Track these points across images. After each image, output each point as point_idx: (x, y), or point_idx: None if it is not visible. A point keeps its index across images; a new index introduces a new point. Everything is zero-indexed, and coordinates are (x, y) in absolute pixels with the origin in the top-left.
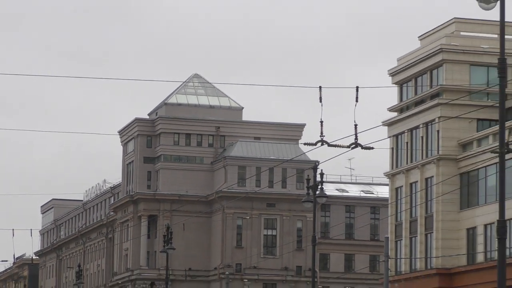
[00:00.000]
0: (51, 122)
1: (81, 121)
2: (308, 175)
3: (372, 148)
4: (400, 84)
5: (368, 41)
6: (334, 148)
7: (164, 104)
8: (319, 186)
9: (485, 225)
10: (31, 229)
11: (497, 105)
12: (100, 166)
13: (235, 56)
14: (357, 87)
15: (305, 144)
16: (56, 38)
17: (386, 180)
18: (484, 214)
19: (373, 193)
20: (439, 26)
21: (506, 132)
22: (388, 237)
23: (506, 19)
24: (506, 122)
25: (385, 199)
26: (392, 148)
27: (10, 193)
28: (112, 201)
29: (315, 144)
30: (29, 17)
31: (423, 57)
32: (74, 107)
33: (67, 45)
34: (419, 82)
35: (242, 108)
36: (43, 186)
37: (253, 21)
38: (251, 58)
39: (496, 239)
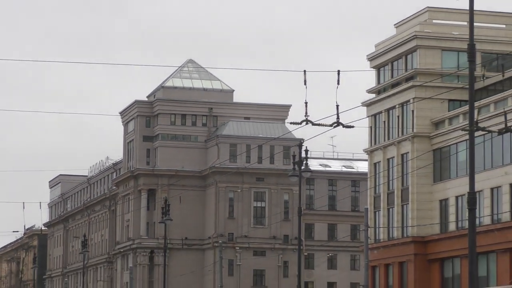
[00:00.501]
0: (55, 104)
1: (83, 103)
2: (294, 152)
3: (353, 126)
4: (378, 68)
5: (347, 28)
6: (317, 127)
7: (162, 87)
8: (304, 162)
9: (456, 197)
10: (40, 202)
11: (467, 87)
12: (103, 144)
13: (226, 42)
14: (339, 71)
15: (291, 123)
16: (57, 23)
17: (365, 156)
18: (455, 187)
19: (353, 168)
20: (413, 14)
21: (475, 112)
22: (367, 208)
23: (475, 8)
24: (475, 103)
25: (365, 173)
26: (371, 127)
27: (20, 169)
28: (114, 177)
29: (300, 123)
30: (29, 3)
31: (398, 43)
32: (75, 89)
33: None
34: (395, 66)
35: (233, 90)
36: (50, 162)
37: (243, 9)
38: (241, 44)
39: (467, 209)
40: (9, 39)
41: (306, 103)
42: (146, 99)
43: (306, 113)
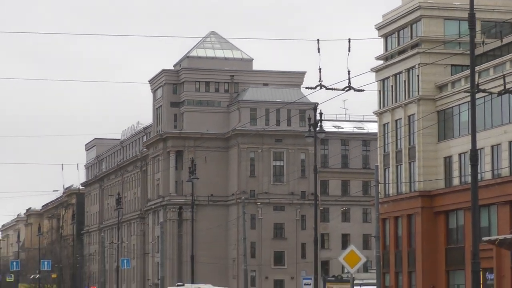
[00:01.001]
0: (90, 73)
1: (114, 72)
2: (309, 115)
3: (363, 90)
4: (385, 37)
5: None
6: (330, 91)
7: (187, 57)
8: (319, 124)
9: (460, 154)
10: (77, 164)
11: (468, 52)
12: (134, 110)
13: (245, 14)
14: (349, 40)
15: (306, 88)
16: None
17: (375, 118)
18: (459, 145)
19: (364, 129)
20: None
21: (476, 75)
22: (377, 166)
23: None
24: (475, 67)
25: (374, 134)
26: (380, 91)
27: (59, 134)
28: (144, 139)
29: (315, 88)
30: None
31: (404, 13)
32: (107, 60)
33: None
34: (401, 34)
35: (252, 59)
36: (86, 127)
37: None
38: (259, 16)
39: (469, 166)
40: (47, 15)
41: (319, 69)
42: (173, 68)
43: (320, 78)
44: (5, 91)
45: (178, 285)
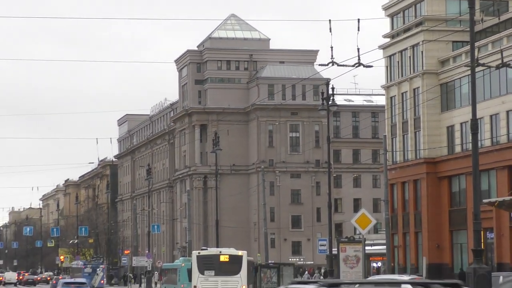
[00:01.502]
0: (121, 54)
1: (139, 52)
2: (322, 90)
3: (371, 66)
4: (392, 16)
5: None
6: (342, 67)
7: (209, 38)
8: (331, 98)
9: (461, 123)
10: (110, 138)
11: (468, 29)
12: (161, 88)
13: None
14: (358, 19)
15: (319, 65)
16: None
17: (383, 91)
18: (460, 115)
19: (373, 102)
20: None
21: (476, 51)
22: (385, 135)
23: None
24: (475, 43)
25: (383, 106)
26: (387, 66)
27: (93, 111)
28: (172, 115)
29: (327, 65)
30: None
31: None
32: (135, 42)
33: None
34: (406, 14)
35: (269, 39)
36: (118, 104)
37: None
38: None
39: (470, 134)
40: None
41: (331, 47)
42: (196, 48)
43: (331, 56)
44: (43, 72)
45: (202, 249)
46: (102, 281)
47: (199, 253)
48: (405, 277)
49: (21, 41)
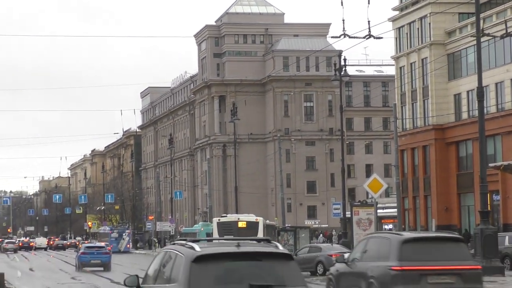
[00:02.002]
0: (142, 30)
1: (159, 27)
2: (334, 61)
3: (382, 38)
4: None
5: None
6: (353, 39)
7: (226, 13)
8: (343, 69)
9: (467, 91)
10: (134, 110)
11: (473, 1)
12: (182, 61)
13: None
14: None
15: (332, 37)
16: None
17: (393, 62)
18: (466, 83)
19: (383, 72)
20: None
21: (481, 22)
22: (395, 104)
23: None
24: (480, 14)
25: (392, 76)
26: (396, 38)
27: (118, 84)
28: (192, 87)
29: (339, 37)
30: None
31: None
32: (155, 18)
33: None
34: None
35: (284, 13)
36: (140, 77)
37: None
38: None
39: (476, 101)
40: None
41: (343, 20)
42: (215, 23)
43: (343, 29)
44: (68, 48)
45: (222, 216)
46: (128, 245)
47: (219, 220)
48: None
49: (46, 18)
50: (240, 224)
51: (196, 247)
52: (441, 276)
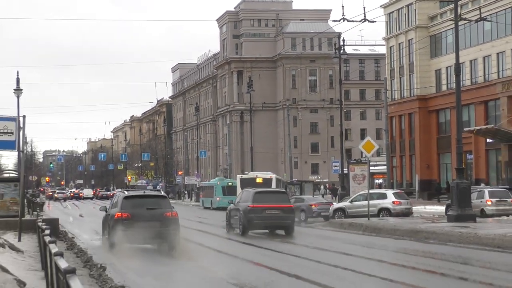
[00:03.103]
0: (170, 14)
1: (184, 12)
2: (335, 42)
3: (375, 21)
4: None
5: None
6: (351, 23)
7: (243, 1)
8: (342, 48)
9: (446, 67)
10: (166, 82)
11: None
12: (206, 42)
13: None
14: None
15: (333, 21)
16: None
17: (384, 42)
18: (446, 61)
19: (375, 51)
20: None
21: (459, 8)
22: (386, 78)
23: None
24: (458, 1)
25: (383, 54)
26: (387, 22)
27: (152, 61)
28: (214, 63)
29: (339, 21)
30: None
31: None
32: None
33: None
34: None
35: (292, 1)
36: (172, 55)
37: None
38: None
39: (454, 75)
40: None
41: (342, 7)
42: (233, 9)
43: (342, 14)
44: (105, 30)
45: (244, 174)
46: None
47: (241, 176)
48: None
49: (85, 4)
50: (258, 180)
51: (126, 192)
52: (272, 210)
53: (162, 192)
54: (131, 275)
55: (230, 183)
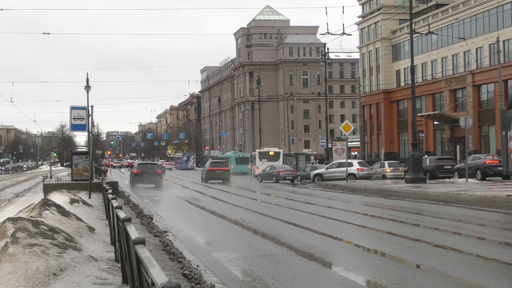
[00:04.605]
0: (195, 28)
1: (205, 27)
2: (321, 50)
3: (351, 34)
4: (363, 4)
5: None
6: (333, 35)
7: (253, 20)
8: (327, 54)
9: (404, 68)
10: (196, 80)
11: (408, 12)
12: (225, 50)
13: None
14: (343, 6)
15: (320, 34)
16: None
17: (358, 50)
18: (403, 64)
19: (351, 56)
20: None
21: (413, 25)
22: (359, 76)
23: None
24: (413, 20)
25: (357, 59)
26: (360, 35)
27: (186, 64)
28: (232, 66)
29: (325, 34)
30: None
31: None
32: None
33: None
34: (372, 3)
35: (289, 19)
36: (201, 60)
37: None
38: None
39: (410, 75)
40: None
41: (327, 24)
42: (246, 26)
43: (327, 29)
44: (144, 41)
45: (261, 148)
46: (193, 165)
47: (259, 150)
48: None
49: (130, 21)
50: (270, 153)
51: (139, 161)
52: (217, 171)
53: (157, 162)
54: (147, 203)
55: (241, 155)
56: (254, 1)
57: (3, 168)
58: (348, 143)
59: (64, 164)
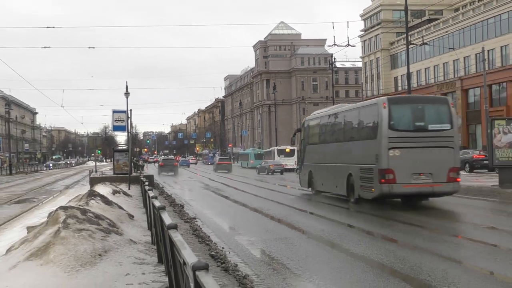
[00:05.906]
0: (212, 41)
1: (225, 40)
2: (329, 60)
3: (355, 46)
4: (364, 19)
5: None
6: (339, 47)
7: (270, 34)
8: (334, 64)
9: (401, 75)
10: (220, 87)
11: (404, 26)
12: (244, 61)
13: (296, 10)
14: (348, 22)
15: (328, 46)
16: None
17: (361, 60)
18: (401, 71)
19: (355, 65)
20: None
21: (409, 37)
22: (363, 82)
23: None
24: (409, 33)
25: (361, 67)
26: (362, 46)
27: (211, 72)
28: (251, 74)
29: (332, 46)
30: None
31: (373, 13)
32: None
33: None
34: (373, 18)
35: (301, 33)
36: (223, 68)
37: None
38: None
39: (407, 80)
40: None
41: (334, 36)
42: (264, 39)
43: (334, 41)
44: (173, 53)
45: (279, 146)
46: None
47: (278, 148)
48: None
49: (160, 35)
50: (287, 150)
51: (163, 157)
52: (223, 164)
53: (174, 157)
54: (179, 193)
55: (259, 152)
56: (270, 18)
57: (50, 165)
58: None
59: (106, 160)
